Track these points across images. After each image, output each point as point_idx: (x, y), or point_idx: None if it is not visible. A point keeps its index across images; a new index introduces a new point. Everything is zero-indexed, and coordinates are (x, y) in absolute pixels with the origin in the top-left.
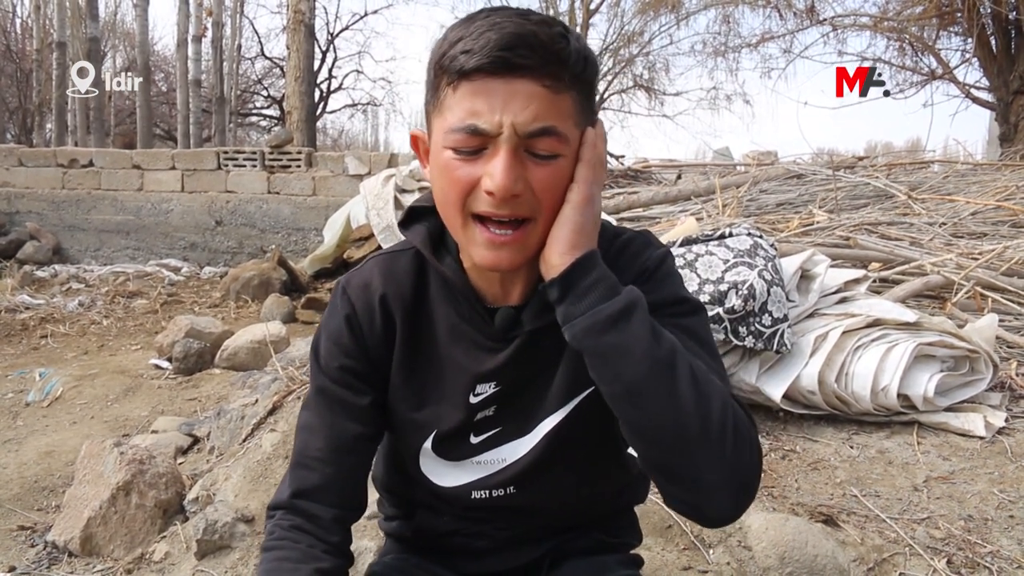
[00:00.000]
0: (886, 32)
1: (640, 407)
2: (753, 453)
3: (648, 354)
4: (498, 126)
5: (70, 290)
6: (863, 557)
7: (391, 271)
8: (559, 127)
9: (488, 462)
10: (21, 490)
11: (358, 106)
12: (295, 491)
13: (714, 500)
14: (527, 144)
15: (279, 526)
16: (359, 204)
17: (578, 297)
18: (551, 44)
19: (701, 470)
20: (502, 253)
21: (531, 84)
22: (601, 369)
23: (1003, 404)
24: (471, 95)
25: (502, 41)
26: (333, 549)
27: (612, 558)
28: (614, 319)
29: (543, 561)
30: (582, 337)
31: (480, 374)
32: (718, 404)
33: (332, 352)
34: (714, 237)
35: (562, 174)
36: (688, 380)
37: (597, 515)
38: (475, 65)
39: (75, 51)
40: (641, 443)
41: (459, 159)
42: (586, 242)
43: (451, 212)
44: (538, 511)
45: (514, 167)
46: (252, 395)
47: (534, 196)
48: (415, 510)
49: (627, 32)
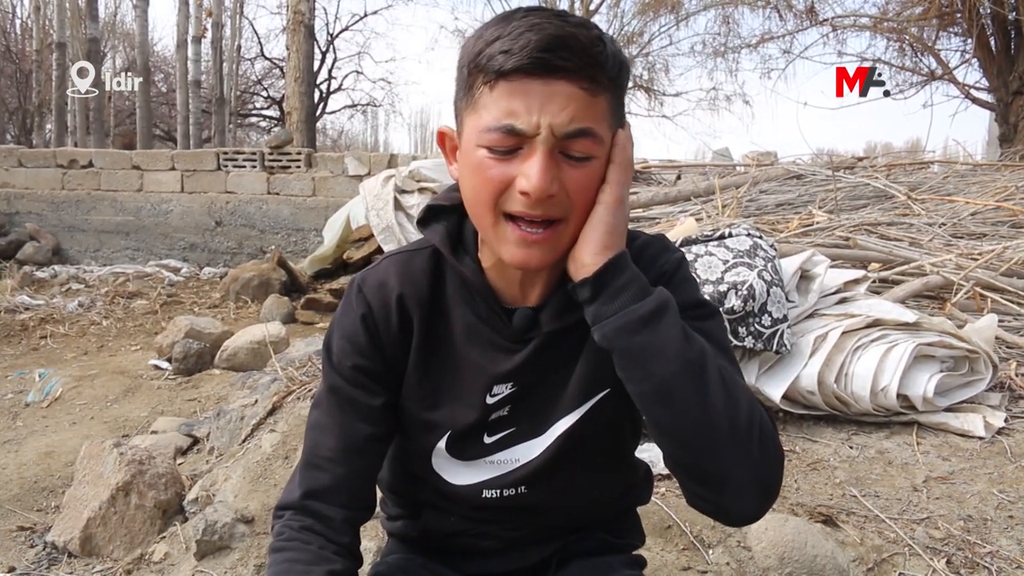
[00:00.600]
0: (886, 33)
1: (670, 407)
2: (777, 456)
3: (679, 354)
4: (536, 127)
5: (70, 291)
6: (862, 557)
7: (408, 270)
8: (595, 129)
9: (501, 462)
10: (21, 491)
11: (358, 107)
12: (306, 491)
13: (739, 500)
14: (563, 145)
15: (289, 527)
16: (359, 205)
17: (610, 297)
18: (590, 47)
19: (728, 470)
20: (532, 251)
21: (569, 86)
22: (632, 369)
23: (1002, 404)
24: (509, 95)
25: (543, 42)
26: (344, 551)
27: (616, 559)
28: (646, 319)
29: (549, 562)
30: (613, 336)
31: (497, 375)
32: (746, 406)
33: (346, 351)
34: (714, 238)
35: (595, 176)
36: (718, 381)
37: (602, 516)
38: (514, 65)
39: (75, 52)
40: (669, 442)
41: (493, 158)
42: (618, 243)
43: (482, 210)
44: (547, 511)
45: (550, 168)
46: (252, 396)
47: (567, 197)
48: (421, 510)
49: (627, 32)
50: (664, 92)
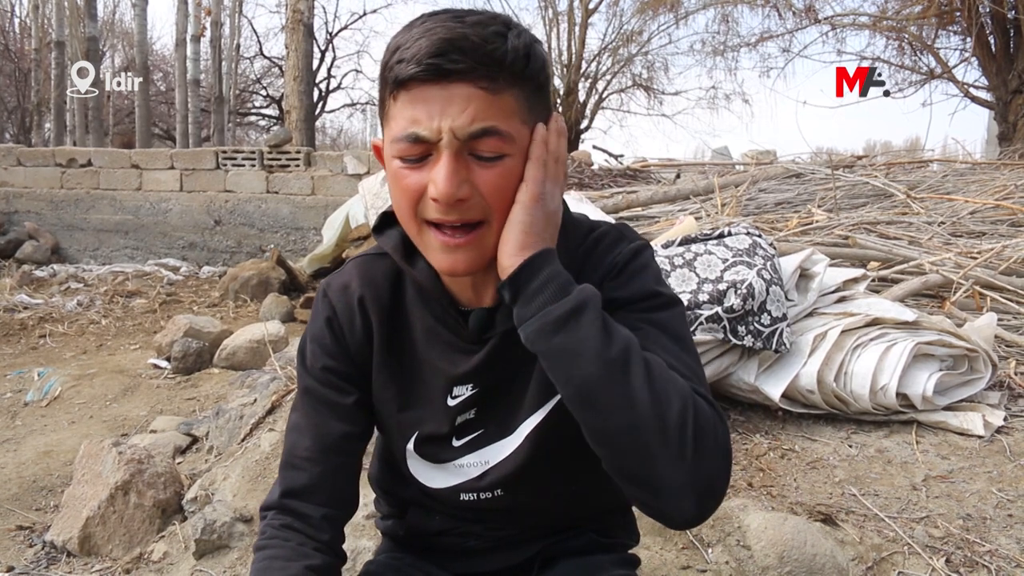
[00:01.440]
0: (885, 31)
1: (595, 409)
2: (717, 453)
3: (598, 355)
4: (437, 132)
5: (69, 290)
6: (862, 556)
7: (369, 273)
8: (501, 127)
9: (471, 465)
10: (20, 490)
11: (357, 105)
12: (284, 491)
13: (675, 503)
14: (470, 147)
15: (270, 526)
16: (358, 203)
17: (528, 299)
18: (483, 45)
19: (660, 473)
20: (457, 256)
21: (467, 87)
22: (555, 371)
23: (1002, 403)
24: (410, 103)
25: (433, 47)
26: (324, 547)
27: (606, 558)
28: (563, 320)
29: (535, 561)
30: (534, 339)
31: (456, 376)
32: (677, 404)
33: (316, 353)
34: (713, 236)
35: (510, 174)
36: (642, 380)
37: (589, 514)
38: (410, 74)
39: (74, 50)
40: (600, 446)
41: (406, 167)
42: (536, 242)
43: (406, 220)
44: (529, 511)
45: (456, 171)
46: (251, 395)
47: (483, 199)
48: (408, 509)
49: (626, 31)
50: (663, 91)
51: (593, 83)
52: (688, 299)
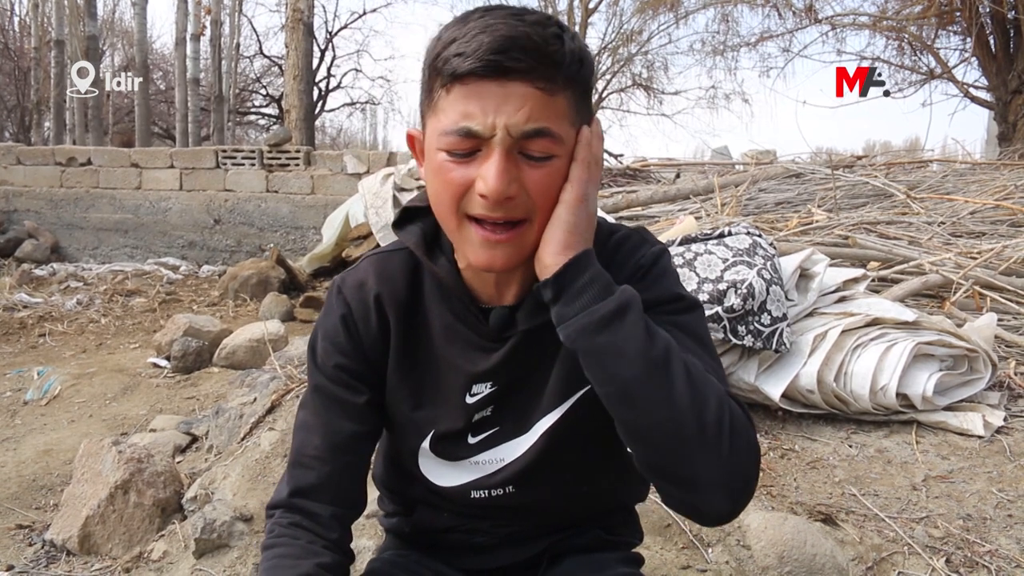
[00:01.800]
0: (885, 31)
1: (635, 407)
2: (751, 452)
3: (642, 354)
4: (491, 128)
5: (68, 288)
6: (862, 556)
7: (385, 270)
8: (553, 128)
9: (486, 462)
10: (19, 489)
11: (357, 105)
12: (293, 490)
13: (711, 500)
14: (521, 146)
15: (278, 524)
16: (358, 203)
17: (572, 297)
18: (545, 46)
19: (698, 470)
20: (497, 252)
21: (524, 86)
22: (596, 369)
23: (1002, 403)
24: (464, 98)
25: (495, 44)
26: (332, 545)
27: (611, 556)
28: (608, 319)
29: (541, 558)
30: (576, 337)
31: (475, 374)
32: (714, 403)
33: (328, 351)
34: (713, 236)
35: (557, 175)
36: (683, 379)
37: (596, 513)
38: (468, 68)
39: (73, 49)
40: (637, 443)
41: (453, 161)
42: (580, 242)
43: (446, 213)
44: (537, 510)
45: (507, 169)
46: (251, 394)
47: (529, 198)
48: (414, 507)
49: (626, 31)
50: (663, 90)
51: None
52: None
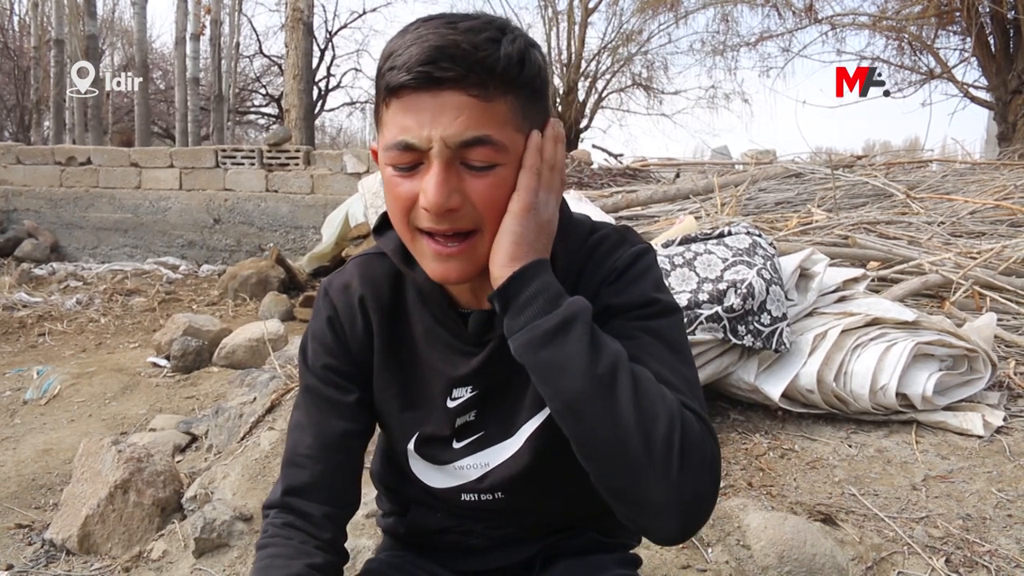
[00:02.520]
0: (885, 31)
1: (580, 424)
2: (703, 470)
3: (586, 371)
4: (427, 140)
5: (68, 288)
6: (861, 556)
7: (370, 273)
8: (493, 135)
9: (472, 467)
10: (19, 488)
11: (356, 104)
12: (286, 488)
13: (659, 521)
14: (461, 156)
15: (272, 524)
16: (357, 202)
17: (517, 311)
18: (474, 52)
19: (644, 491)
20: (450, 265)
21: (458, 95)
22: (542, 385)
23: (1001, 403)
24: (402, 111)
25: (423, 55)
26: (325, 545)
27: (607, 557)
28: (551, 334)
29: (536, 560)
30: (522, 352)
31: (455, 378)
32: (664, 421)
33: (317, 352)
34: (713, 236)
35: (503, 183)
36: (629, 396)
37: (591, 514)
38: (400, 82)
39: (73, 48)
40: (585, 459)
41: (399, 175)
42: (528, 252)
43: (399, 227)
44: (529, 512)
45: (446, 181)
46: (250, 393)
47: (474, 208)
48: (410, 506)
49: (626, 31)
50: (663, 90)
51: (592, 82)
52: (688, 299)
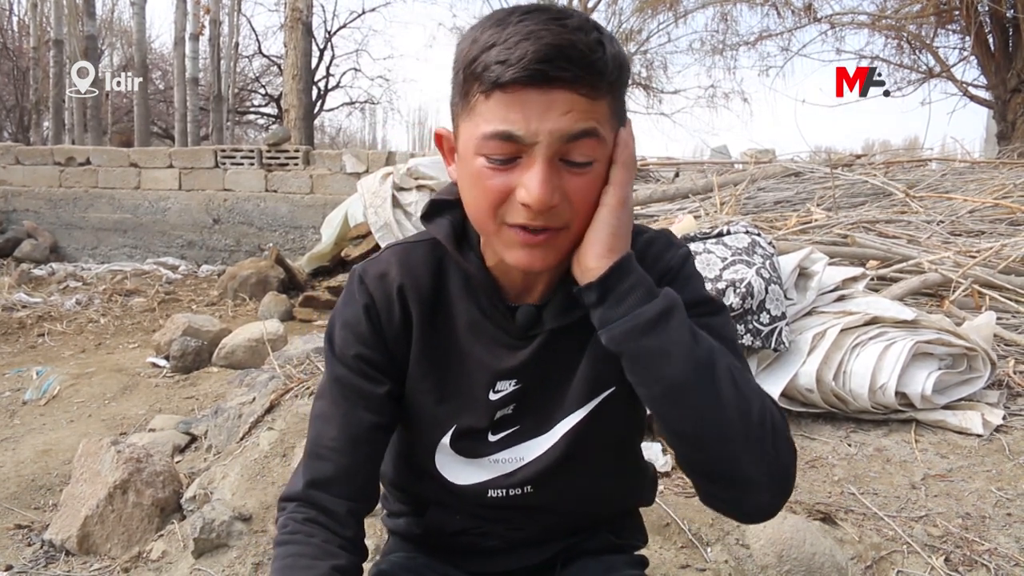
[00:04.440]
0: (884, 30)
1: (682, 408)
2: (791, 451)
3: (689, 356)
4: (534, 135)
5: (67, 288)
6: (861, 555)
7: (408, 262)
8: (598, 129)
9: (506, 460)
10: (18, 489)
11: (356, 104)
12: (309, 481)
13: (756, 497)
14: (564, 151)
15: (292, 519)
16: (357, 202)
17: (617, 301)
18: (590, 54)
19: (743, 468)
20: (536, 253)
21: (569, 94)
22: (642, 372)
23: (1001, 402)
24: (506, 105)
25: (540, 53)
26: (348, 544)
27: (619, 559)
28: (654, 322)
29: (552, 562)
30: (621, 340)
31: (501, 371)
32: (757, 403)
33: (348, 340)
34: (712, 235)
35: (597, 181)
36: (728, 380)
37: (607, 515)
38: (511, 77)
39: (72, 49)
40: (683, 445)
41: (492, 167)
42: (622, 245)
43: (483, 219)
44: (553, 511)
45: (551, 178)
46: (250, 393)
47: (570, 206)
48: (426, 508)
49: (625, 30)
50: (662, 90)
51: None
52: None
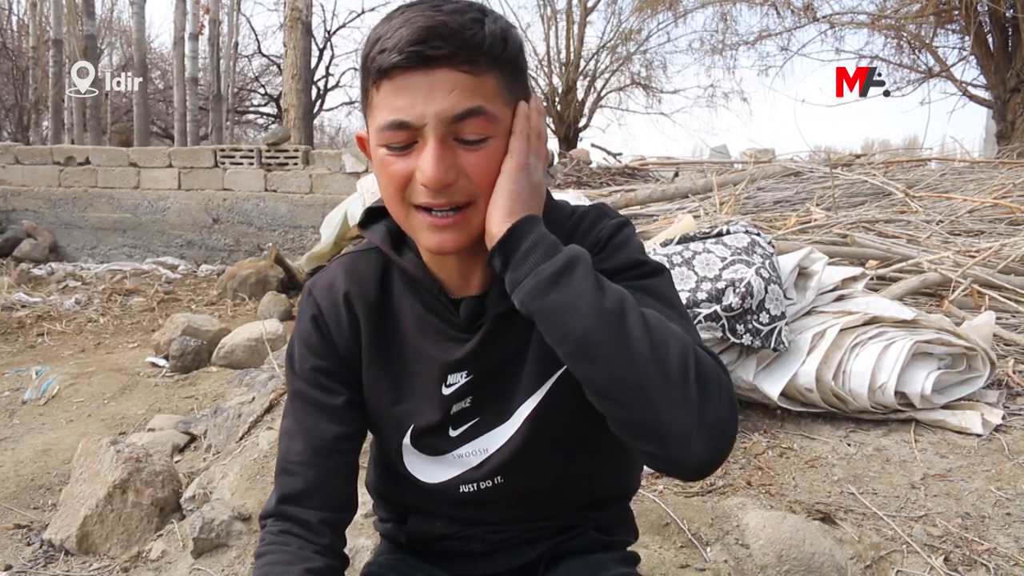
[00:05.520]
0: (884, 30)
1: (593, 361)
2: (723, 396)
3: (594, 307)
4: (421, 117)
5: (67, 288)
6: (860, 555)
7: (354, 269)
8: (485, 106)
9: (470, 454)
10: (17, 488)
11: (355, 104)
12: (280, 497)
13: (686, 450)
14: (455, 131)
15: (269, 533)
16: (356, 202)
17: (519, 261)
18: (462, 31)
19: (666, 419)
20: (445, 235)
21: (449, 72)
22: (551, 330)
23: (1000, 402)
24: (394, 92)
25: (413, 35)
26: (324, 550)
27: (608, 556)
28: (556, 276)
29: (538, 563)
30: (528, 300)
31: (450, 363)
32: (677, 349)
33: (304, 354)
34: (711, 235)
35: (495, 156)
36: (640, 328)
37: (590, 510)
38: (392, 63)
39: (71, 48)
40: (602, 400)
41: (392, 155)
42: (523, 208)
43: (394, 205)
44: (529, 500)
45: (443, 157)
46: (249, 393)
47: (470, 181)
48: (407, 515)
49: (624, 30)
50: (662, 89)
51: (591, 81)
52: (687, 298)
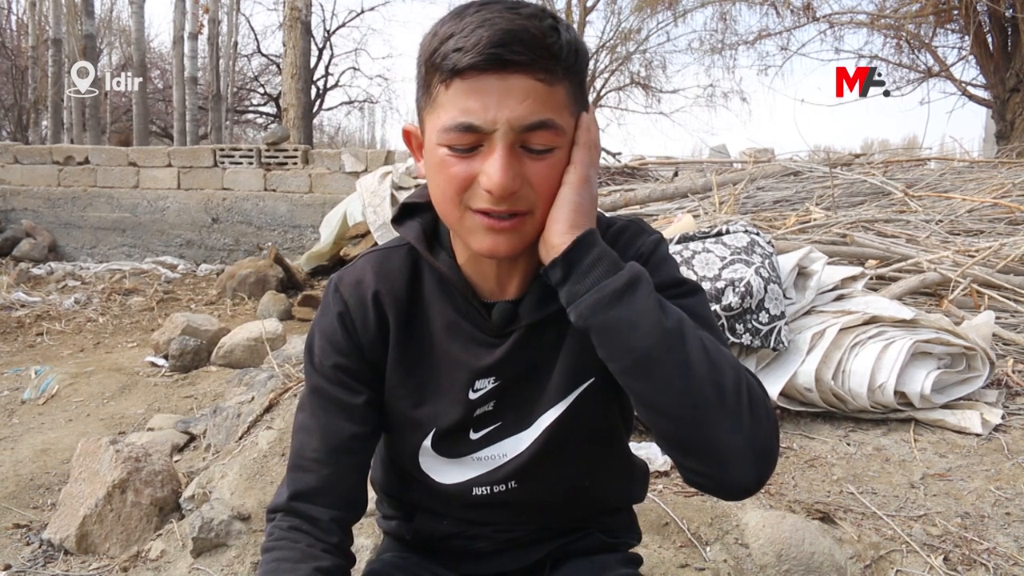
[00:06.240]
0: (883, 29)
1: (652, 380)
2: (770, 419)
3: (657, 325)
4: (493, 123)
5: (66, 288)
6: (860, 554)
7: (384, 268)
8: (555, 120)
9: (489, 458)
10: (17, 488)
11: (355, 103)
12: (292, 493)
13: (735, 469)
14: (523, 139)
15: (278, 527)
16: (356, 201)
17: (582, 275)
18: (543, 38)
19: (720, 439)
20: (500, 239)
21: (525, 79)
22: (610, 345)
23: (999, 401)
24: (465, 93)
25: (495, 37)
26: (333, 549)
27: (612, 558)
28: (620, 293)
29: (543, 563)
30: (589, 315)
31: (479, 369)
32: (731, 372)
33: (326, 351)
34: (711, 234)
35: (559, 166)
36: (699, 349)
37: (597, 515)
38: (468, 63)
39: (71, 48)
40: (656, 417)
41: (454, 156)
42: (585, 221)
43: (448, 207)
44: (539, 506)
45: (511, 164)
46: (248, 393)
47: (532, 191)
48: (414, 513)
49: (624, 29)
50: (661, 89)
51: (591, 81)
52: None
